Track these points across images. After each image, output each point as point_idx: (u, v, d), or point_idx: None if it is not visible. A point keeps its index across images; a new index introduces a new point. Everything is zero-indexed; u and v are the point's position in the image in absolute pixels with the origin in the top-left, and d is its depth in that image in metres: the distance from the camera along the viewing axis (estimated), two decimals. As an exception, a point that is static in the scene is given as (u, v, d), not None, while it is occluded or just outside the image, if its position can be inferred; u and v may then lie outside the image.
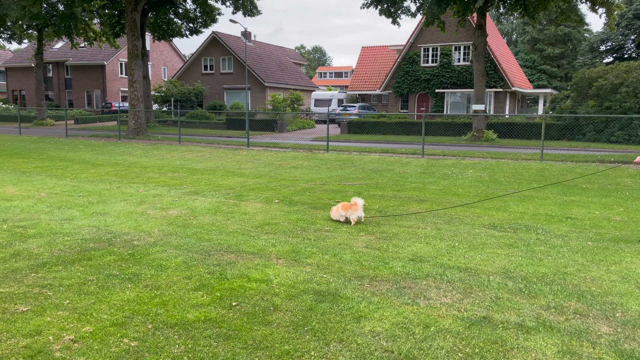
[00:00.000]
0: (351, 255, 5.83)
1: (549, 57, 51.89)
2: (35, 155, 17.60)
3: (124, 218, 7.71)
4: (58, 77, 58.19)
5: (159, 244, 6.28)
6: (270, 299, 4.48)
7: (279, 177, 12.92)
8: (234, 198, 9.59)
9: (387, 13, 29.09)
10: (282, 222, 7.53)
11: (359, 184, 11.64)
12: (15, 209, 8.28)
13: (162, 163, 15.74)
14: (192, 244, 6.30)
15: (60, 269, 5.24)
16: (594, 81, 25.94)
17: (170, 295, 4.55)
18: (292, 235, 6.76)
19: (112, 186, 10.83)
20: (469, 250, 6.09)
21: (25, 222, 7.35)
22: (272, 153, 18.16)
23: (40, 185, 10.74)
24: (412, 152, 18.21)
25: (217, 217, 7.85)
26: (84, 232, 6.79)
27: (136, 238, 6.54)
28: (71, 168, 14.06)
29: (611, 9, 24.21)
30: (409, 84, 38.65)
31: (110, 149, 19.98)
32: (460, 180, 12.16)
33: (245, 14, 36.82)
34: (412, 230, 7.13)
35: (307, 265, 5.48)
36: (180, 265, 5.44)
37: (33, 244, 6.16)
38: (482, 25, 25.80)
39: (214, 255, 5.83)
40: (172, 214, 8.09)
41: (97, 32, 42.20)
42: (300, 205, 8.90)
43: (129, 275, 5.07)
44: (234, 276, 5.07)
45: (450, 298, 4.57)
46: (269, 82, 44.99)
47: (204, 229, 7.05)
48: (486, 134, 25.34)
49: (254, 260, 5.65)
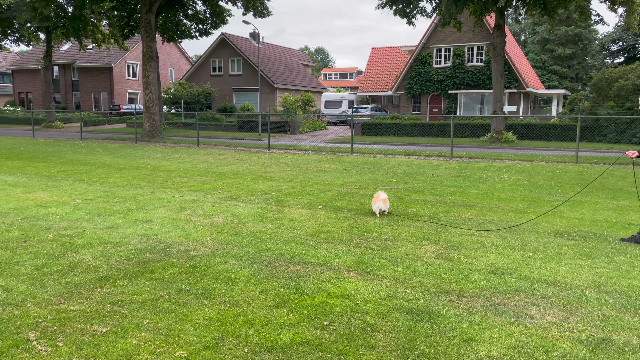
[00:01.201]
0: (425, 267, 5.51)
1: (559, 58, 51.51)
2: (54, 158, 17.32)
3: (170, 226, 7.40)
4: (65, 79, 57.98)
5: (217, 254, 5.97)
6: (361, 318, 4.17)
7: (310, 181, 12.62)
8: (274, 204, 9.28)
9: (402, 13, 28.74)
10: (336, 230, 7.22)
11: (395, 188, 11.32)
12: (54, 216, 7.99)
13: (185, 167, 15.44)
14: (252, 254, 5.99)
15: (125, 283, 4.93)
16: (614, 82, 25.60)
17: (254, 313, 4.24)
18: (351, 245, 6.45)
19: (145, 191, 10.54)
20: (547, 261, 5.77)
21: (70, 230, 7.05)
22: (295, 156, 17.85)
23: (71, 191, 10.45)
24: (437, 154, 17.89)
25: (266, 225, 7.54)
26: (135, 242, 6.49)
27: (191, 248, 6.24)
28: (95, 172, 13.77)
29: (632, 8, 23.84)
30: (421, 85, 38.32)
31: (129, 152, 19.69)
32: (499, 184, 11.84)
33: (255, 15, 36.49)
34: (475, 238, 6.81)
35: (383, 278, 5.17)
36: (250, 278, 5.13)
37: (87, 255, 5.86)
38: (501, 25, 25.46)
39: (279, 266, 5.52)
40: (218, 221, 7.79)
41: (106, 34, 41.91)
42: (345, 212, 8.59)
43: (201, 290, 4.76)
44: (312, 291, 4.76)
45: (553, 316, 4.26)
46: (279, 83, 44.70)
47: (257, 238, 6.74)
48: (505, 136, 24.99)
49: (323, 272, 5.33)
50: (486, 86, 36.35)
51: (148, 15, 26.15)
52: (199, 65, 48.26)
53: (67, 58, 56.97)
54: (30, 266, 5.45)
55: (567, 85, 50.67)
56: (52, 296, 4.60)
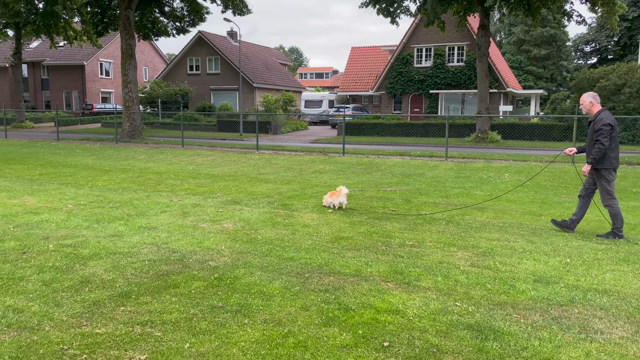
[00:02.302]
0: (465, 277, 5.21)
1: (535, 58, 52.25)
2: (31, 160, 16.52)
3: (178, 233, 6.93)
4: (34, 78, 56.15)
5: (239, 264, 5.55)
6: (422, 337, 3.82)
7: (309, 183, 12.24)
8: (280, 208, 8.87)
9: (385, 12, 28.56)
10: (356, 236, 6.86)
11: (399, 190, 11.04)
12: (48, 223, 7.42)
13: (174, 168, 14.88)
14: (276, 264, 5.59)
15: (149, 300, 4.48)
16: (596, 82, 25.90)
17: (303, 334, 3.85)
18: (377, 252, 6.11)
19: (140, 195, 9.99)
20: (587, 268, 5.53)
21: (70, 239, 6.52)
22: (286, 157, 17.44)
23: (60, 196, 9.83)
24: (429, 154, 17.70)
25: (279, 231, 7.14)
26: (145, 252, 6.01)
27: (208, 258, 5.80)
28: (80, 175, 13.11)
29: (614, 10, 24.13)
30: (403, 84, 38.29)
31: (110, 153, 18.96)
32: (502, 185, 11.67)
33: (235, 13, 35.80)
34: (503, 243, 6.55)
35: (426, 290, 4.84)
36: (284, 292, 4.74)
37: (97, 268, 5.37)
38: (486, 25, 25.51)
39: (311, 278, 5.14)
40: (227, 227, 7.34)
41: (78, 31, 40.51)
42: (358, 215, 8.24)
43: (235, 307, 4.35)
44: (356, 306, 4.40)
45: (622, 330, 3.99)
46: (258, 82, 44.11)
47: (276, 246, 6.34)
48: (490, 135, 25.05)
49: (360, 284, 4.97)
50: (467, 86, 36.54)
51: (127, 11, 25.34)
52: (176, 63, 47.28)
53: (36, 56, 55.17)
54: (37, 282, 4.94)
55: (542, 85, 51.42)
56: (71, 317, 4.13)
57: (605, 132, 6.63)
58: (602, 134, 6.64)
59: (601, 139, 6.64)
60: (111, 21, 38.30)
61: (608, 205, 6.92)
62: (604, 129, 6.64)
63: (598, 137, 6.69)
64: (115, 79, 56.28)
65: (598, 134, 6.69)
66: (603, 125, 6.66)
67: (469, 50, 36.50)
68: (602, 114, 6.81)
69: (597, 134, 6.70)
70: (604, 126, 6.65)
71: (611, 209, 6.90)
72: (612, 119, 6.71)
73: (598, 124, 6.72)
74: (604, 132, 6.63)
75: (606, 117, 6.72)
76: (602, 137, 6.64)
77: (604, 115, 6.78)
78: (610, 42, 48.54)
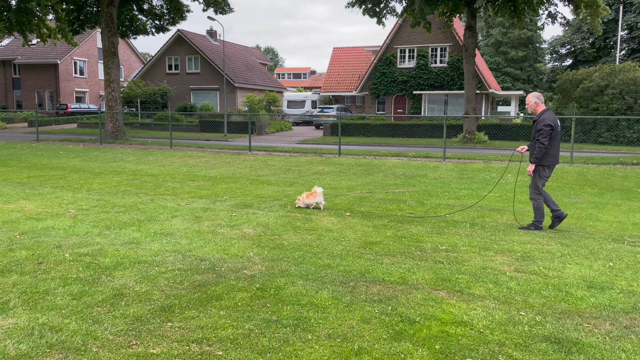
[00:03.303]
0: (516, 283, 5.02)
1: (512, 60, 52.96)
2: (14, 162, 15.83)
3: (199, 239, 6.59)
4: (5, 77, 54.43)
5: (276, 273, 5.26)
6: (503, 351, 3.60)
7: (309, 184, 11.95)
8: (294, 211, 8.58)
9: (371, 13, 28.48)
10: (385, 241, 6.63)
11: (407, 191, 10.86)
12: (55, 230, 6.98)
13: (167, 170, 14.42)
14: (315, 272, 5.31)
15: (196, 315, 4.16)
16: (579, 83, 26.28)
17: (376, 350, 3.59)
18: (414, 257, 5.89)
19: (143, 199, 9.57)
20: (634, 272, 5.41)
21: (85, 247, 6.12)
22: (281, 158, 17.11)
23: (58, 200, 9.34)
24: (424, 155, 17.61)
25: (303, 236, 6.86)
26: (171, 260, 5.66)
27: (240, 266, 5.49)
28: (70, 178, 12.57)
29: (597, 12, 24.49)
30: (386, 85, 38.27)
31: (96, 154, 18.33)
32: (508, 186, 11.59)
33: (216, 12, 35.26)
34: (537, 247, 6.40)
35: (482, 298, 4.63)
36: (336, 303, 4.47)
37: (126, 279, 5.01)
38: (473, 26, 25.62)
39: (357, 287, 4.88)
40: (248, 232, 7.03)
41: (52, 29, 39.19)
42: (377, 219, 8.01)
43: (292, 321, 4.06)
44: (419, 317, 4.16)
45: (701, 338, 3.85)
46: (239, 82, 43.57)
47: (307, 252, 6.06)
48: (478, 136, 25.18)
49: (411, 293, 4.74)
50: (450, 87, 36.73)
51: (109, 8, 24.65)
52: (154, 62, 46.34)
53: (7, 54, 53.47)
54: (66, 295, 4.57)
55: (519, 86, 52.14)
56: (116, 335, 3.78)
57: (546, 132, 6.83)
58: (543, 134, 6.85)
59: (541, 139, 6.86)
60: (87, 19, 37.26)
61: (533, 199, 7.26)
62: (544, 129, 6.84)
63: (538, 136, 6.91)
64: (90, 78, 54.97)
65: (539, 134, 6.91)
66: (544, 125, 6.86)
67: (452, 51, 36.70)
68: (544, 115, 7.00)
69: (538, 133, 6.92)
70: (544, 126, 6.85)
71: (535, 202, 7.24)
72: (552, 119, 6.90)
73: (539, 124, 6.93)
74: (544, 132, 6.84)
75: (547, 118, 6.91)
76: (542, 137, 6.86)
77: (546, 115, 6.97)
78: (585, 44, 49.49)
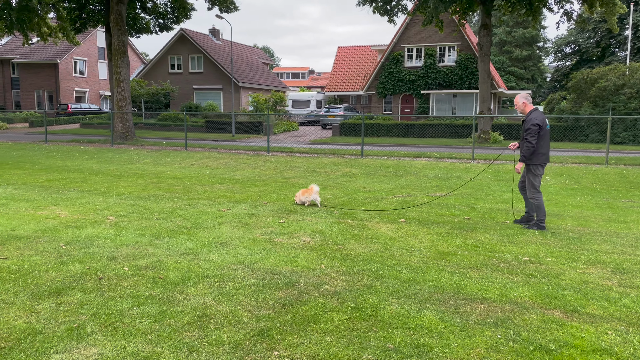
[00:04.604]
0: (629, 300, 4.60)
1: (516, 60, 52.69)
2: (28, 165, 15.29)
3: (259, 250, 6.13)
4: (3, 76, 53.65)
5: (361, 289, 4.81)
6: (667, 384, 3.18)
7: (345, 187, 11.52)
8: (344, 217, 8.13)
9: (382, 11, 28.06)
10: (459, 251, 6.19)
11: (449, 194, 10.43)
12: (101, 240, 6.50)
13: (190, 173, 13.93)
14: (402, 287, 4.87)
15: (299, 341, 3.70)
16: (594, 82, 25.93)
17: (526, 385, 3.15)
18: (503, 271, 5.45)
19: (179, 204, 9.09)
20: None
21: (141, 260, 5.64)
22: (304, 159, 16.65)
23: (90, 206, 8.85)
24: (447, 155, 17.19)
25: (369, 246, 6.41)
26: (240, 274, 5.20)
27: (318, 280, 5.04)
28: (92, 181, 12.07)
29: (614, 11, 24.14)
30: (393, 84, 37.86)
31: (111, 156, 17.80)
32: (552, 189, 11.19)
33: (222, 10, 34.78)
34: (624, 256, 5.98)
35: (604, 319, 4.19)
36: (448, 326, 4.02)
37: (203, 297, 4.54)
38: (488, 25, 25.24)
39: (458, 305, 4.44)
40: (307, 241, 6.58)
41: (53, 28, 38.50)
42: (437, 226, 7.57)
43: (410, 349, 3.61)
44: (553, 344, 3.72)
45: None
46: (243, 82, 43.04)
47: (381, 264, 5.61)
48: (493, 136, 24.82)
49: (522, 313, 4.30)
50: (458, 86, 36.38)
51: (119, 6, 24.09)
52: (156, 62, 45.73)
53: (5, 53, 52.71)
54: (144, 317, 4.10)
55: (523, 86, 51.89)
56: (222, 368, 3.32)
57: (534, 131, 7.00)
58: (531, 133, 7.01)
59: (529, 138, 7.01)
60: (89, 17, 36.70)
61: (533, 198, 7.33)
62: (532, 128, 7.01)
63: (526, 136, 7.06)
64: (90, 78, 54.30)
65: (527, 133, 7.06)
66: (532, 125, 7.01)
67: (460, 50, 36.35)
68: (532, 114, 7.15)
69: (526, 132, 7.07)
70: (532, 126, 7.01)
71: (535, 201, 7.32)
72: (541, 119, 7.04)
73: (527, 124, 7.07)
74: (532, 132, 7.00)
75: (535, 117, 7.06)
76: (530, 137, 7.01)
77: (534, 115, 7.12)
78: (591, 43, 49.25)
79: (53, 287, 4.77)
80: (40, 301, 4.42)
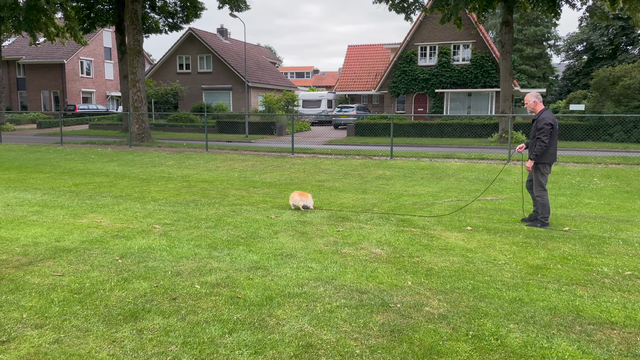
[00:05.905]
0: None
1: (527, 58, 52.13)
2: (48, 168, 14.81)
3: (330, 263, 5.62)
4: (9, 77, 53.11)
5: (467, 311, 4.31)
6: None
7: (386, 191, 11.02)
8: (404, 224, 7.62)
9: (399, 8, 27.56)
10: (551, 265, 5.67)
11: (501, 199, 9.91)
12: (157, 252, 6.00)
13: (218, 176, 13.43)
14: (512, 309, 4.37)
15: (435, 380, 3.20)
16: (617, 80, 25.42)
17: None
18: (613, 288, 4.94)
19: (223, 210, 8.59)
20: None
21: (209, 276, 5.15)
22: (332, 161, 16.13)
23: (129, 213, 8.35)
24: (477, 156, 16.67)
25: (448, 258, 5.90)
26: (323, 292, 4.70)
27: (413, 300, 4.54)
28: (120, 185, 11.57)
29: (638, 7, 23.60)
30: (406, 83, 37.33)
31: (131, 158, 17.30)
32: (604, 192, 10.69)
33: (232, 9, 34.24)
34: None
35: None
36: (569, 350, 3.52)
37: (298, 322, 4.04)
38: (509, 22, 24.73)
39: (588, 332, 3.95)
40: (377, 252, 6.08)
41: (60, 27, 37.98)
42: (509, 234, 7.05)
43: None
44: None
45: None
46: (252, 82, 42.54)
47: (474, 280, 5.11)
48: (515, 135, 24.31)
49: None
50: (473, 85, 35.86)
51: (134, 4, 23.58)
52: (164, 62, 45.24)
53: (11, 54, 52.16)
54: (243, 348, 3.60)
55: (535, 84, 51.36)
56: (361, 417, 2.82)
57: (547, 130, 7.05)
58: (544, 132, 7.06)
59: (542, 137, 7.07)
60: (98, 17, 36.21)
61: (539, 196, 7.42)
62: (545, 127, 7.05)
63: (539, 135, 7.11)
64: (97, 78, 53.89)
65: (540, 132, 7.11)
66: (545, 124, 7.06)
67: (474, 48, 35.83)
68: (544, 114, 7.20)
69: (539, 132, 7.12)
70: (545, 125, 7.06)
71: (541, 199, 7.41)
72: (552, 118, 7.11)
73: (540, 123, 7.13)
74: (545, 131, 7.06)
75: (547, 117, 7.11)
76: (543, 136, 7.06)
77: (545, 115, 7.17)
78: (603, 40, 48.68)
79: (126, 309, 4.27)
80: (118, 328, 3.93)
